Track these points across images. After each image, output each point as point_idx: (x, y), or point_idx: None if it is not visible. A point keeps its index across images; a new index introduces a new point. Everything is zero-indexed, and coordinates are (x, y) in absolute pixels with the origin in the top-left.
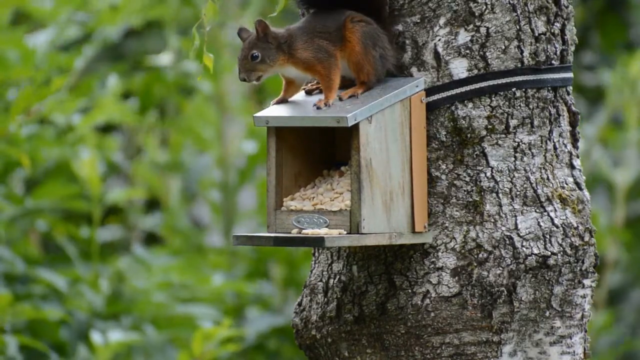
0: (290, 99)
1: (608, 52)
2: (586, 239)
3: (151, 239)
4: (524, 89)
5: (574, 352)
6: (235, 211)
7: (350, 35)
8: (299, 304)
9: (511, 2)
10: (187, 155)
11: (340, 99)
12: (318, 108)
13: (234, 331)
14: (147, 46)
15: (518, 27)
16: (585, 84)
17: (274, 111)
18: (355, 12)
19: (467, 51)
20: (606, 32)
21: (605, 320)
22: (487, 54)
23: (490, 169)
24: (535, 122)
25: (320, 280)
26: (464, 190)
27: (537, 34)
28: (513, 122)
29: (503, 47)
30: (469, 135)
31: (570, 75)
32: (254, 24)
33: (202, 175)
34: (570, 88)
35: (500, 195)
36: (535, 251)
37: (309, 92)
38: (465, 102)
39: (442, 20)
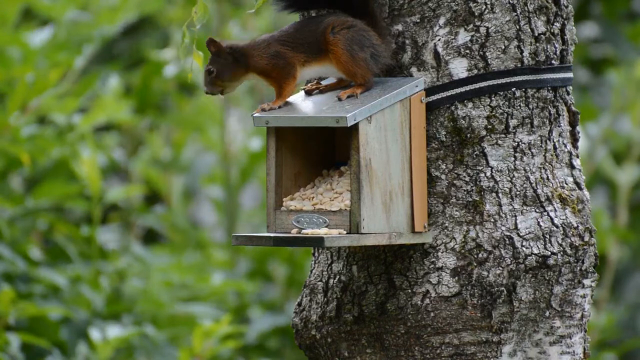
0: (289, 99)
1: (610, 23)
2: (586, 238)
3: (151, 236)
4: (523, 89)
5: (573, 352)
6: (238, 209)
7: (334, 47)
8: (299, 304)
9: (511, 2)
10: (190, 153)
11: (340, 99)
12: (263, 110)
13: (234, 328)
14: (146, 44)
15: (518, 27)
16: (590, 56)
17: (274, 111)
18: (334, 17)
19: (467, 51)
20: (609, 2)
21: (606, 321)
22: (487, 53)
23: (490, 168)
24: (535, 122)
25: (320, 280)
26: (464, 190)
27: (537, 34)
28: (513, 122)
29: (503, 47)
30: (468, 135)
31: (570, 75)
32: (205, 43)
33: (205, 173)
34: (570, 88)
35: (500, 195)
36: (535, 251)
37: (308, 92)
38: (465, 102)
39: (441, 20)
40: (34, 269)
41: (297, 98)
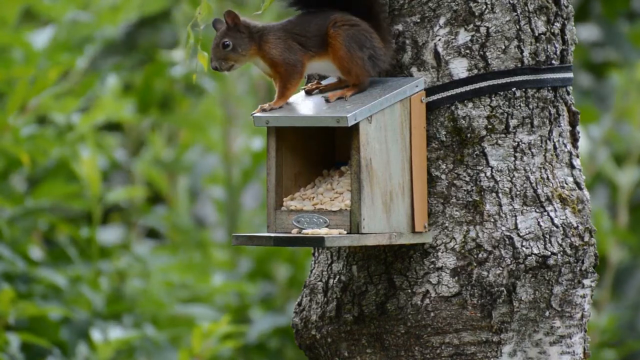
0: (289, 100)
1: (610, 23)
2: (586, 239)
3: (153, 236)
4: (524, 89)
5: (573, 352)
6: (239, 209)
7: (332, 41)
8: (299, 304)
9: (511, 1)
10: (193, 154)
11: (328, 101)
12: (264, 110)
13: (233, 328)
14: (159, 38)
15: (518, 26)
16: (591, 60)
17: (274, 111)
18: (340, 15)
19: (467, 51)
20: (608, 1)
21: (607, 322)
22: (487, 53)
23: (490, 168)
24: (535, 122)
25: (320, 280)
26: (464, 190)
27: (537, 34)
28: (513, 122)
29: (503, 47)
30: (468, 135)
31: (570, 75)
32: (223, 15)
33: (207, 174)
34: (570, 88)
35: (500, 195)
36: (535, 251)
37: (308, 92)
38: (465, 102)
39: (442, 20)
40: (34, 269)
41: (297, 98)
